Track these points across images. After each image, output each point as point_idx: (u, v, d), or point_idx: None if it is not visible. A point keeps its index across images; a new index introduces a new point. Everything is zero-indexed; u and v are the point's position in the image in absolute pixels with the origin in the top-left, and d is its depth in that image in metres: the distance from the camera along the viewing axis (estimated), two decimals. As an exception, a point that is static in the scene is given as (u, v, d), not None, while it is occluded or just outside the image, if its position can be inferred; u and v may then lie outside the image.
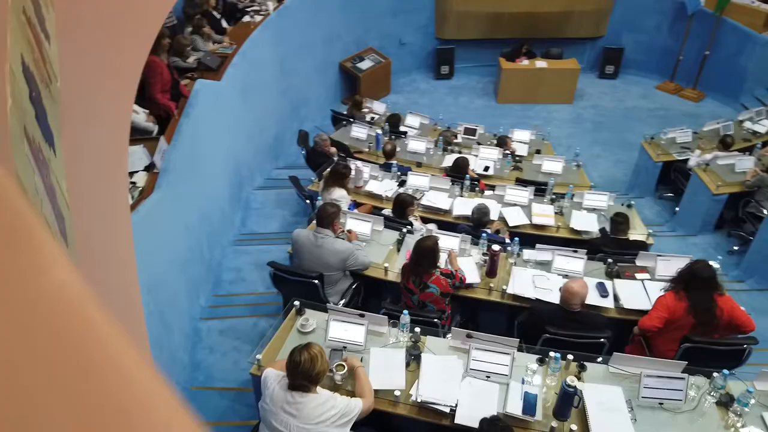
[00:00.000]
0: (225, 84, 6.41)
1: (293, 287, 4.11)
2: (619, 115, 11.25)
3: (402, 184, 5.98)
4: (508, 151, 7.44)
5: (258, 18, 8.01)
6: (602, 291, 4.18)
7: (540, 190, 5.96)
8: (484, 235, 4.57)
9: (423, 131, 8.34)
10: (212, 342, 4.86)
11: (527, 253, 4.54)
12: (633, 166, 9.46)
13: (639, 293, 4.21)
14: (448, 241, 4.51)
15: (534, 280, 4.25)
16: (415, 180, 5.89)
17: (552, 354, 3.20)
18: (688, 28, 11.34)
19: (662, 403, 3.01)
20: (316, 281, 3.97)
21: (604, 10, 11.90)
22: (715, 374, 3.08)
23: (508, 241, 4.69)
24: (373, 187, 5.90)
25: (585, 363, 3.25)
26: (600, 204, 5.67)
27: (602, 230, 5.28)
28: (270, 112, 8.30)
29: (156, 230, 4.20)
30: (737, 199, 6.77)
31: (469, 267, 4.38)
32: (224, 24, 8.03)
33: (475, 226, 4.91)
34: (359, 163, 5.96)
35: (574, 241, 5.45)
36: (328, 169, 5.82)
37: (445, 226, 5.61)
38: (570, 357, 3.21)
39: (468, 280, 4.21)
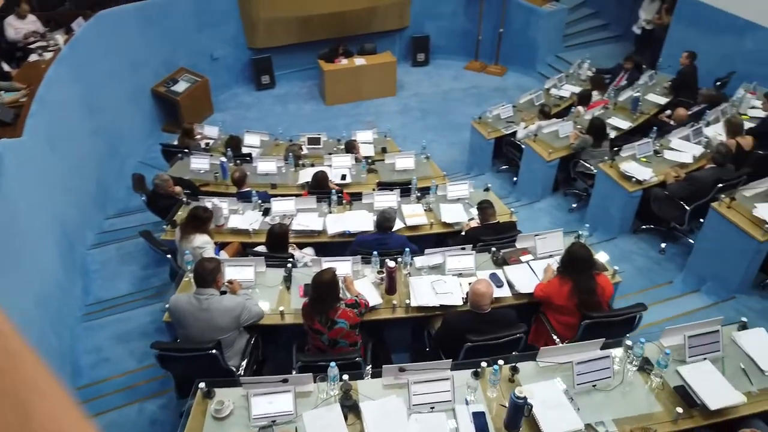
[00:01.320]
0: (27, 139, 5.41)
1: (186, 364, 3.58)
2: (440, 99, 11.81)
3: (266, 212, 5.58)
4: (358, 155, 7.38)
5: (48, 55, 6.92)
6: (496, 282, 4.27)
7: (404, 190, 5.95)
8: (375, 253, 4.41)
9: (265, 149, 7.93)
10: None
11: (419, 261, 4.48)
12: (465, 146, 10.01)
13: (528, 275, 4.38)
14: (338, 267, 4.27)
15: (433, 286, 4.20)
16: (280, 205, 5.53)
17: (484, 365, 3.17)
18: (481, 10, 12.23)
19: (595, 385, 3.14)
20: (214, 351, 3.49)
21: (405, 2, 12.36)
22: (629, 343, 3.30)
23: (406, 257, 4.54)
24: (235, 222, 5.42)
25: (516, 365, 3.26)
26: (462, 193, 5.83)
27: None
28: (86, 157, 7.26)
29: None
30: (566, 161, 7.43)
31: (367, 289, 4.20)
32: (6, 68, 6.79)
33: (381, 230, 4.76)
34: (215, 200, 5.43)
35: (449, 235, 5.57)
36: (182, 214, 5.22)
37: (322, 247, 5.37)
38: (501, 362, 3.20)
39: (371, 303, 4.02)
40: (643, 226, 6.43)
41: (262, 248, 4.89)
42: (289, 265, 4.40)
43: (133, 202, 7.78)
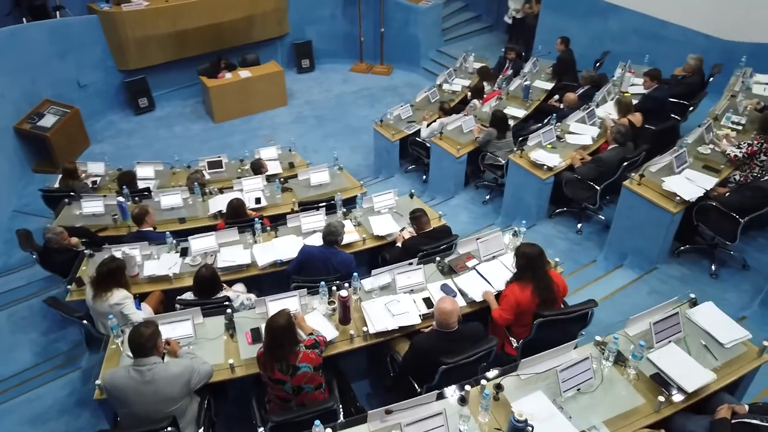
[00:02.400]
0: None
1: (138, 446, 3.13)
2: (333, 104, 11.63)
3: (184, 253, 5.10)
4: (268, 174, 7.03)
5: None
6: (449, 292, 4.20)
7: (329, 207, 5.73)
8: (323, 283, 4.15)
9: (162, 180, 7.31)
10: None
11: (367, 283, 4.29)
12: (367, 149, 9.94)
13: (478, 281, 4.35)
14: (284, 304, 3.98)
15: (388, 308, 4.04)
16: (199, 243, 5.09)
17: (469, 388, 3.07)
18: (359, 12, 12.20)
19: (579, 389, 3.14)
20: (170, 429, 3.08)
21: (282, 9, 12.03)
22: (597, 338, 3.35)
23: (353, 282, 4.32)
24: (152, 269, 4.90)
25: (500, 383, 3.19)
26: (389, 203, 5.71)
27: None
28: (-50, 217, 6.29)
29: None
30: (473, 155, 7.56)
31: (319, 322, 3.95)
32: None
33: (327, 243, 4.59)
34: (125, 248, 4.88)
35: (383, 248, 5.41)
36: (86, 269, 4.63)
37: (253, 281, 5.02)
38: (485, 382, 3.10)
39: (327, 338, 3.79)
40: (558, 210, 6.68)
41: (189, 295, 4.45)
42: (229, 310, 4.02)
43: (14, 257, 6.88)
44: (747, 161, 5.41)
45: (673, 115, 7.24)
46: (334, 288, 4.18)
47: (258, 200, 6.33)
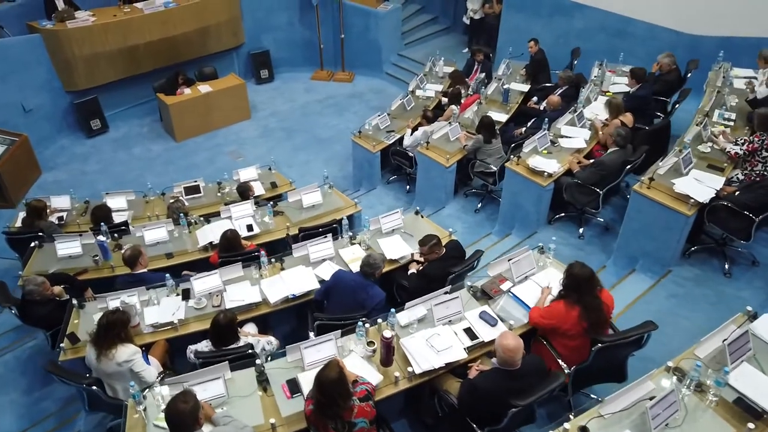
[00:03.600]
0: None
1: None
2: (299, 114, 11.25)
3: (187, 295, 4.68)
4: (255, 197, 6.64)
5: None
6: (490, 320, 3.98)
7: (331, 231, 5.42)
8: (360, 323, 3.84)
9: (136, 210, 6.77)
10: None
11: (403, 317, 4.01)
12: (342, 160, 9.66)
13: (517, 306, 4.16)
14: (321, 350, 3.66)
15: (430, 343, 3.78)
16: (203, 284, 4.67)
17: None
18: (318, 18, 11.85)
19: (668, 423, 2.98)
20: None
21: (236, 18, 11.55)
22: (669, 364, 3.20)
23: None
24: (153, 316, 4.46)
25: (586, 426, 2.98)
26: (396, 223, 5.45)
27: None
28: None
29: None
30: (460, 163, 7.39)
31: (359, 366, 3.66)
32: None
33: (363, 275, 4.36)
34: (123, 296, 4.41)
35: (395, 272, 5.15)
36: (78, 322, 4.15)
37: (262, 320, 4.66)
38: (567, 426, 2.89)
39: (373, 383, 3.50)
40: (557, 216, 6.59)
41: (204, 344, 4.05)
42: (258, 361, 3.66)
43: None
44: (748, 158, 5.46)
45: (657, 113, 7.32)
46: (367, 324, 3.89)
47: (250, 227, 5.94)
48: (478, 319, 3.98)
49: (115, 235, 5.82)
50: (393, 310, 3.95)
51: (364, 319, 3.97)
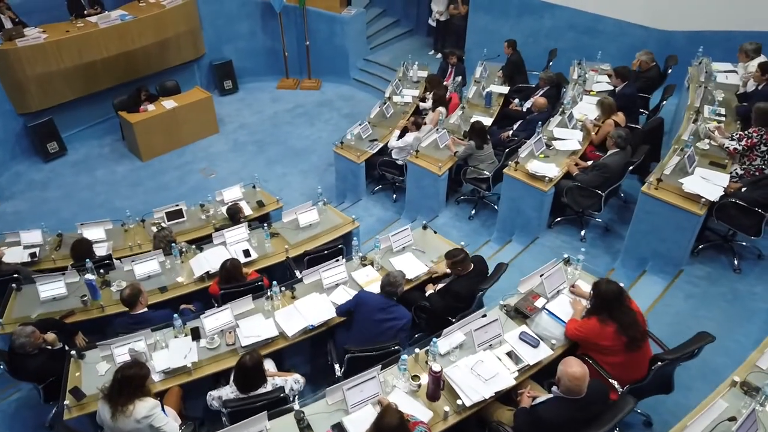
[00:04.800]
0: None
1: None
2: (269, 126, 10.89)
3: (197, 335, 4.33)
4: (243, 219, 6.30)
5: None
6: (531, 341, 3.82)
7: (337, 253, 5.16)
8: (404, 357, 3.60)
9: (115, 240, 6.31)
10: None
11: (442, 346, 3.80)
12: (320, 171, 9.40)
13: (555, 323, 4.02)
14: (362, 390, 3.41)
15: (477, 373, 3.59)
16: (214, 321, 4.34)
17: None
18: (281, 25, 11.50)
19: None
20: None
21: (195, 29, 11.09)
22: (735, 378, 3.10)
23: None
24: (163, 361, 4.10)
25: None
26: (407, 240, 5.24)
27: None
28: None
29: None
30: (456, 169, 7.25)
31: (406, 403, 3.43)
32: None
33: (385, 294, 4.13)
34: (132, 343, 4.04)
35: (411, 292, 4.94)
36: (80, 374, 3.76)
37: (277, 356, 4.37)
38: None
39: (425, 420, 3.28)
40: (557, 219, 6.53)
41: (229, 391, 3.73)
42: (296, 407, 3.38)
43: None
44: (746, 153, 5.51)
45: (642, 110, 7.38)
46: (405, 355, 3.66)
47: (247, 252, 5.61)
48: (518, 341, 3.82)
49: (101, 270, 5.38)
50: (435, 339, 3.73)
51: (397, 347, 3.74)
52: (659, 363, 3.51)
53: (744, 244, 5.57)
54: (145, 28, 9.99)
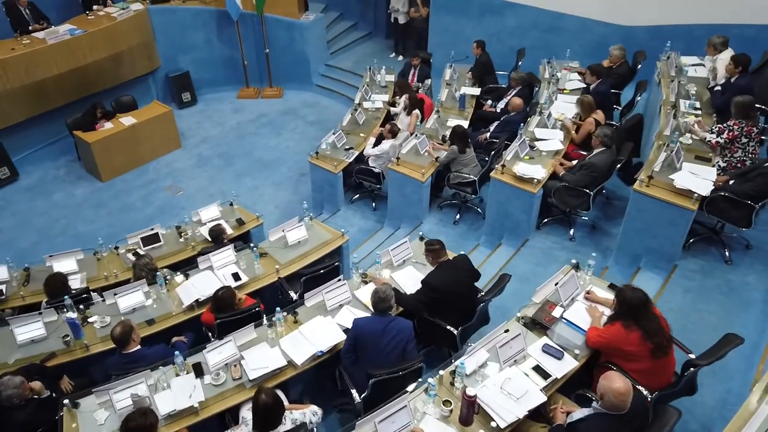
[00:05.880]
0: None
1: None
2: (233, 138, 10.55)
3: (200, 371, 4.06)
4: (225, 240, 6.02)
5: None
6: (556, 353, 3.75)
7: (334, 271, 4.98)
8: (432, 383, 3.45)
9: (89, 271, 5.91)
10: None
11: (468, 365, 3.66)
12: (292, 182, 9.18)
13: (573, 330, 3.95)
14: (393, 421, 3.25)
15: (507, 392, 3.47)
16: (216, 356, 4.08)
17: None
18: (239, 33, 11.17)
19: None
20: None
21: (149, 41, 10.65)
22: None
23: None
24: (169, 403, 3.82)
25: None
26: (407, 254, 5.11)
27: None
28: None
29: None
30: (439, 175, 7.17)
31: (439, 430, 3.28)
32: None
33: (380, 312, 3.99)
34: (132, 386, 3.74)
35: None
36: (77, 425, 3.46)
37: (284, 385, 4.16)
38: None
39: (459, 447, 3.15)
40: (545, 220, 6.52)
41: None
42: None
43: None
44: (727, 146, 5.62)
45: (616, 106, 7.48)
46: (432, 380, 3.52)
47: (236, 276, 5.35)
48: (542, 354, 3.74)
49: (81, 306, 5.01)
50: (463, 363, 3.59)
51: (420, 363, 3.60)
52: (692, 369, 3.49)
53: (733, 235, 5.68)
54: (96, 42, 9.49)
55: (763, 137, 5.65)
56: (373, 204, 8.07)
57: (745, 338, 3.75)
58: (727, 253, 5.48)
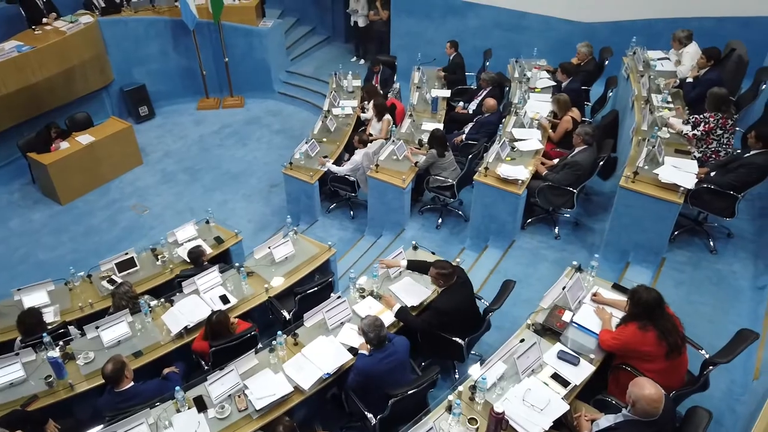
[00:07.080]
0: None
1: None
2: (197, 151, 10.22)
3: (202, 404, 3.84)
4: (206, 263, 5.77)
5: None
6: (572, 359, 3.71)
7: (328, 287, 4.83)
8: (458, 402, 3.34)
9: (62, 303, 5.55)
10: None
11: (489, 378, 3.57)
12: (263, 195, 8.98)
13: (586, 335, 3.92)
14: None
15: (529, 403, 3.40)
16: (219, 387, 3.86)
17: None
18: (196, 43, 10.83)
19: None
20: None
21: (101, 54, 10.20)
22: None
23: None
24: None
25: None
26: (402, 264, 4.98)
27: None
28: None
29: None
30: (419, 179, 7.10)
31: (465, 447, 3.19)
32: None
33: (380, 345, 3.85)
34: (133, 428, 3.49)
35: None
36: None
37: (289, 413, 3.99)
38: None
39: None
40: (529, 220, 6.52)
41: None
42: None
43: None
44: (703, 138, 5.75)
45: (586, 103, 7.57)
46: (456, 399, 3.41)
47: (224, 299, 5.12)
48: (558, 361, 3.69)
49: (60, 343, 4.69)
50: (484, 378, 3.49)
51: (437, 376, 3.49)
52: (711, 367, 3.51)
53: (715, 225, 5.81)
54: (46, 59, 9.00)
55: (736, 128, 5.79)
56: (351, 212, 7.94)
57: (741, 328, 3.79)
58: (711, 243, 5.60)
